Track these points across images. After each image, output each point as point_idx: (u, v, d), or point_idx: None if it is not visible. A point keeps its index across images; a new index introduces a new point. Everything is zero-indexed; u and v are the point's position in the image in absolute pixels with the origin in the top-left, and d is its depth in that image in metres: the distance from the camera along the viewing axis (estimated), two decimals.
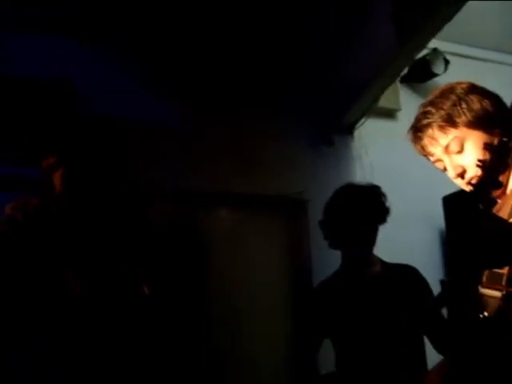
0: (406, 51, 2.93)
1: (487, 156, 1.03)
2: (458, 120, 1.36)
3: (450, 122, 1.37)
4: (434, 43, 3.42)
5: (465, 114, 1.35)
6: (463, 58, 4.04)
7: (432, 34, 2.78)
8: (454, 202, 0.95)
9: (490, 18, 3.76)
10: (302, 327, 2.44)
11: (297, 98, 3.47)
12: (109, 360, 1.81)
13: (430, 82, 3.82)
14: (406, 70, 3.64)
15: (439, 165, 1.45)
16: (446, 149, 1.38)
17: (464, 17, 2.76)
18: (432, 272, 2.30)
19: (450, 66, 3.73)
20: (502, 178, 1.02)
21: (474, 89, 1.40)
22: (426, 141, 1.44)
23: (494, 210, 1.24)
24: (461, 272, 1.06)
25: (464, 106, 1.36)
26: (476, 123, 1.34)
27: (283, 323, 3.22)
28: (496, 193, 1.30)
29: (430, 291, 2.21)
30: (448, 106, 1.38)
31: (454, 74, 3.65)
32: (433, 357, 2.00)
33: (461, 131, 1.36)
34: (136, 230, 2.15)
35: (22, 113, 2.76)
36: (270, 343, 3.15)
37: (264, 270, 3.27)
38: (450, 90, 1.42)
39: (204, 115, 3.24)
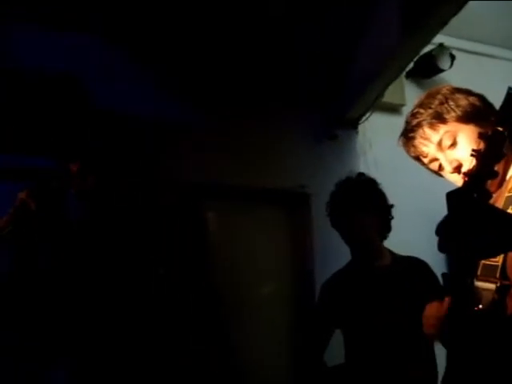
0: (411, 46, 2.91)
1: (481, 146, 1.03)
2: (447, 116, 1.38)
3: (439, 118, 1.39)
4: (440, 38, 3.41)
5: (453, 110, 1.38)
6: (469, 54, 4.02)
7: (437, 29, 2.76)
8: (458, 197, 0.95)
9: (496, 14, 3.74)
10: (313, 319, 2.46)
11: (301, 91, 3.47)
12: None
13: (435, 78, 3.81)
14: (411, 65, 3.63)
15: (434, 165, 1.45)
16: (439, 145, 1.39)
17: (471, 12, 2.74)
18: (435, 268, 2.30)
19: (456, 62, 3.71)
20: (497, 168, 1.03)
21: (458, 89, 1.44)
22: (418, 141, 1.45)
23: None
24: (457, 265, 1.06)
25: (451, 103, 1.39)
26: (466, 117, 1.37)
27: (286, 317, 3.24)
28: (491, 187, 1.30)
29: (439, 285, 2.21)
30: (435, 105, 1.41)
31: (459, 70, 3.64)
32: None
33: (451, 126, 1.38)
34: (149, 220, 2.23)
35: (33, 107, 2.81)
36: (272, 337, 3.17)
37: (267, 263, 3.29)
38: (435, 91, 1.46)
39: (208, 109, 3.25)
